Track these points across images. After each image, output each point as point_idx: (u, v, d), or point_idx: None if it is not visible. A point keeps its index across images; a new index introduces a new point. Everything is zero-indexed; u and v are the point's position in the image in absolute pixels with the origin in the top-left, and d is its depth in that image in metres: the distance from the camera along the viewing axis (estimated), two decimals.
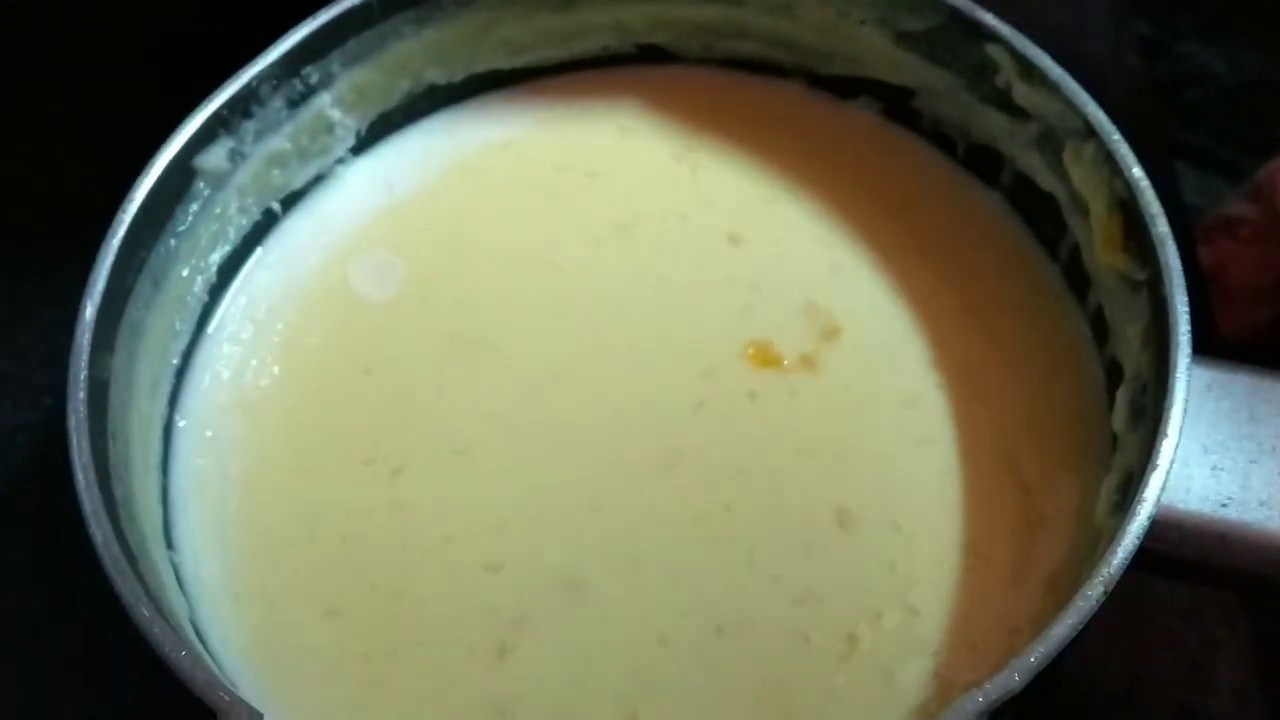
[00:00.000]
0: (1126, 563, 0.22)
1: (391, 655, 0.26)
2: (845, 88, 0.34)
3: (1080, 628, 0.21)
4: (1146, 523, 0.22)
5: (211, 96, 0.29)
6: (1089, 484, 0.27)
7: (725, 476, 0.28)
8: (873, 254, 0.32)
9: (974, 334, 0.30)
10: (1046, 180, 0.30)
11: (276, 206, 0.33)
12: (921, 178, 0.33)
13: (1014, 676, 0.20)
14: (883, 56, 0.32)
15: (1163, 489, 0.22)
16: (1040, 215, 0.31)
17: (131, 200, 0.27)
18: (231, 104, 0.29)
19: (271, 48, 0.30)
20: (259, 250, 0.32)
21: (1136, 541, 0.22)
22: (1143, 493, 0.22)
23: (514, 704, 0.26)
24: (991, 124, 0.31)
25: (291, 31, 0.30)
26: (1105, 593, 0.21)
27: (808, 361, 0.30)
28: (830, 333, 0.30)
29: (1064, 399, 0.29)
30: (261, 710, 0.24)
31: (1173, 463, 0.23)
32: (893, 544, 0.27)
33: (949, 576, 0.27)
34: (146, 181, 0.27)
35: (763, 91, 0.35)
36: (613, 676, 0.26)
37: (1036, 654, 0.21)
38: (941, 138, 0.33)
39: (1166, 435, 0.23)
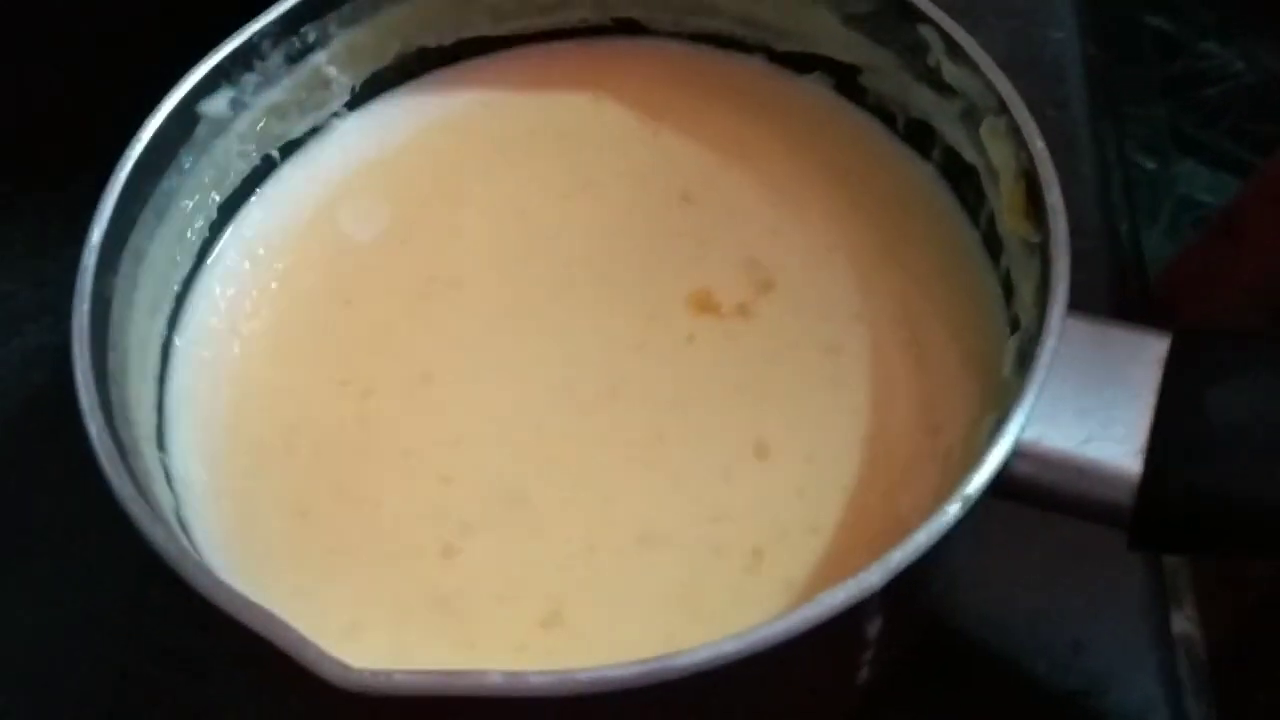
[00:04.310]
0: (986, 485, 0.24)
1: (352, 550, 0.30)
2: (802, 63, 0.37)
3: (938, 537, 0.24)
4: (1006, 452, 0.25)
5: (215, 49, 0.32)
6: (984, 425, 0.30)
7: (659, 408, 0.31)
8: (813, 216, 0.35)
9: (898, 291, 0.33)
10: (970, 153, 0.33)
11: (275, 154, 0.36)
12: (864, 149, 0.36)
13: (873, 576, 0.23)
14: (833, 35, 0.35)
15: (1025, 423, 0.25)
16: (965, 185, 0.33)
17: (139, 139, 0.31)
18: (234, 57, 0.33)
19: (273, 8, 0.33)
20: (258, 192, 0.36)
21: (995, 467, 0.25)
22: (1006, 424, 0.25)
23: (455, 596, 0.29)
24: (925, 100, 0.34)
25: None
26: (964, 509, 0.24)
27: (743, 310, 0.33)
28: (765, 285, 0.33)
29: (973, 350, 0.32)
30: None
31: (1039, 400, 0.26)
32: (803, 473, 0.30)
33: (851, 503, 0.30)
34: (153, 123, 0.31)
35: (726, 65, 0.38)
36: (544, 576, 0.29)
37: (894, 558, 0.24)
38: (884, 113, 0.36)
39: (1032, 375, 0.26)
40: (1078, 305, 0.28)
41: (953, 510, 0.24)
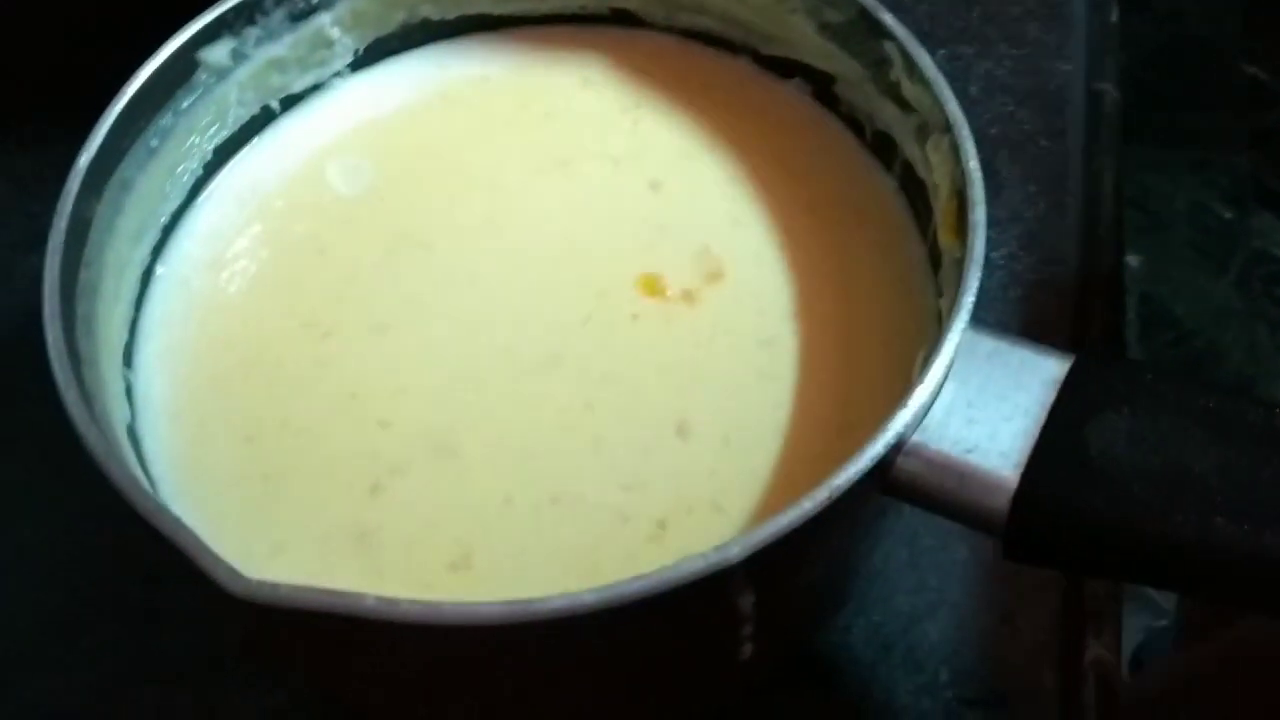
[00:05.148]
0: (857, 477, 0.26)
1: (285, 478, 0.32)
2: (784, 68, 0.38)
3: (802, 521, 0.25)
4: (882, 448, 0.26)
5: (218, 2, 0.34)
6: None
7: (594, 380, 0.33)
8: (771, 215, 0.36)
9: (840, 294, 0.34)
10: (922, 168, 0.34)
11: (275, 105, 0.38)
12: (832, 155, 0.37)
13: (732, 549, 0.25)
14: (810, 43, 0.36)
15: (906, 426, 0.27)
16: (918, 200, 0.34)
17: (136, 77, 0.33)
18: (236, 10, 0.35)
19: None
20: (255, 139, 0.38)
21: (868, 462, 0.26)
22: (889, 421, 0.26)
23: (374, 531, 0.31)
24: (888, 114, 0.35)
25: None
26: (831, 497, 0.25)
27: (689, 296, 0.34)
28: (714, 275, 0.35)
29: (899, 357, 0.33)
30: (172, 506, 0.30)
31: (933, 406, 0.28)
32: (718, 455, 0.32)
33: (759, 489, 0.31)
34: (151, 64, 0.33)
35: (713, 63, 0.39)
36: (459, 522, 0.31)
37: (756, 534, 0.25)
38: (855, 122, 0.37)
39: (921, 382, 0.27)
40: (1039, 329, 0.29)
41: (819, 496, 0.25)
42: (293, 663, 0.34)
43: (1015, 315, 0.41)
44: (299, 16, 0.37)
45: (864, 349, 0.33)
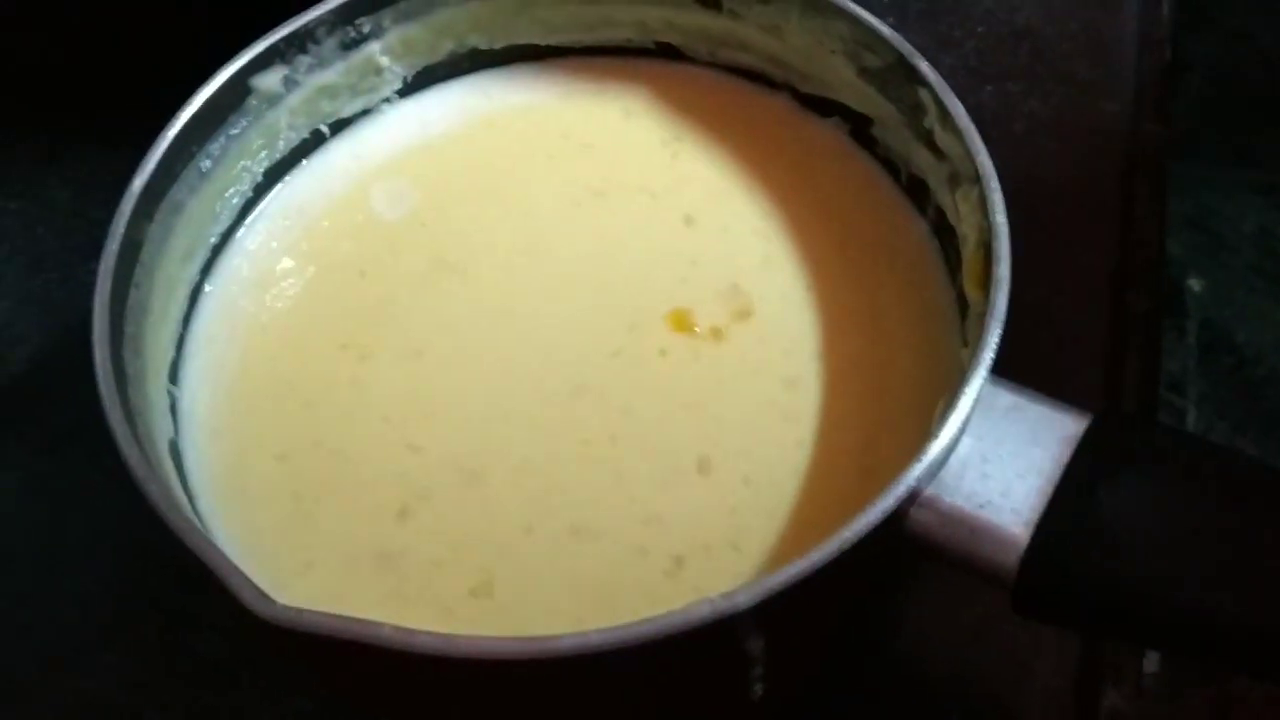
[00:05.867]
0: (867, 531, 0.26)
1: (316, 499, 0.33)
2: (822, 106, 0.39)
3: (812, 570, 0.26)
4: (894, 503, 0.26)
5: (271, 32, 0.35)
6: None
7: (619, 412, 0.34)
8: (802, 254, 0.36)
9: (865, 338, 0.35)
10: (953, 216, 0.34)
11: (325, 129, 0.39)
12: (868, 196, 0.37)
13: (740, 597, 0.25)
14: (849, 85, 0.37)
15: (919, 479, 0.27)
16: (949, 246, 0.35)
17: (190, 104, 0.34)
18: (289, 39, 0.36)
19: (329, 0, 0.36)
20: (304, 162, 0.39)
21: (880, 514, 0.26)
22: (903, 474, 0.27)
23: (399, 554, 0.32)
24: (922, 159, 0.35)
25: None
26: (841, 550, 0.26)
27: (717, 333, 0.35)
28: (742, 313, 0.35)
29: (923, 403, 0.33)
30: (210, 524, 0.31)
31: (949, 458, 0.28)
32: (738, 494, 0.32)
33: (777, 529, 0.32)
34: (206, 91, 0.34)
35: (753, 99, 0.40)
36: (482, 549, 0.32)
37: (764, 583, 0.25)
38: (890, 164, 0.37)
39: (937, 436, 0.27)
40: (1063, 380, 0.29)
41: (829, 548, 0.26)
42: (315, 675, 0.35)
43: (1043, 363, 0.41)
44: (350, 45, 0.38)
45: (888, 393, 0.33)
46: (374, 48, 0.38)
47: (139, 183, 0.33)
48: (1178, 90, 0.49)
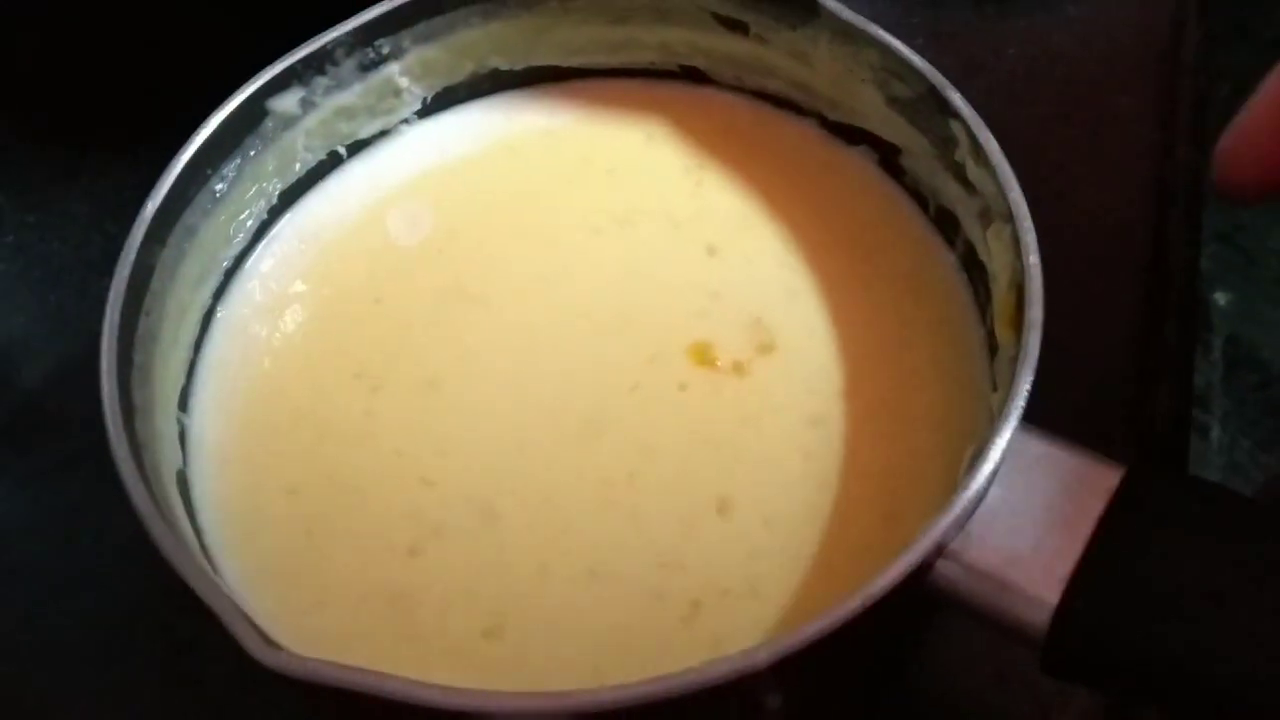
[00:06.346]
0: (891, 587, 0.25)
1: (328, 535, 0.32)
2: (850, 134, 0.38)
3: (835, 627, 0.25)
4: (918, 558, 0.26)
5: (289, 53, 0.35)
6: None
7: (637, 450, 0.33)
8: (827, 286, 0.35)
9: (891, 376, 0.34)
10: (983, 252, 0.33)
11: (343, 151, 0.38)
12: (895, 227, 0.36)
13: (760, 654, 0.24)
14: (878, 114, 0.36)
15: (946, 533, 0.26)
16: (978, 282, 0.34)
17: (205, 127, 0.33)
18: (306, 61, 0.35)
19: (348, 20, 0.35)
20: (320, 184, 0.38)
21: (903, 571, 0.25)
22: (930, 528, 0.26)
23: (410, 594, 0.31)
24: (952, 192, 0.34)
25: (369, 9, 0.36)
26: (864, 606, 0.25)
27: (739, 368, 0.34)
28: (765, 347, 0.34)
29: (949, 447, 0.32)
30: (218, 559, 0.31)
31: (977, 509, 0.27)
32: (758, 536, 0.31)
33: (798, 575, 0.31)
34: (221, 113, 0.34)
35: (778, 124, 0.39)
36: (494, 590, 0.31)
37: (785, 640, 0.25)
38: (919, 195, 0.36)
39: (966, 489, 0.26)
40: (1089, 428, 0.28)
41: (851, 604, 0.25)
42: (324, 713, 0.34)
43: (1069, 399, 0.39)
44: (369, 66, 0.37)
45: (914, 434, 0.33)
46: (393, 69, 0.37)
47: (151, 207, 0.32)
48: (1208, 102, 0.47)
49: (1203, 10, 0.51)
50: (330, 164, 0.38)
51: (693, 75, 0.39)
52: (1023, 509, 0.27)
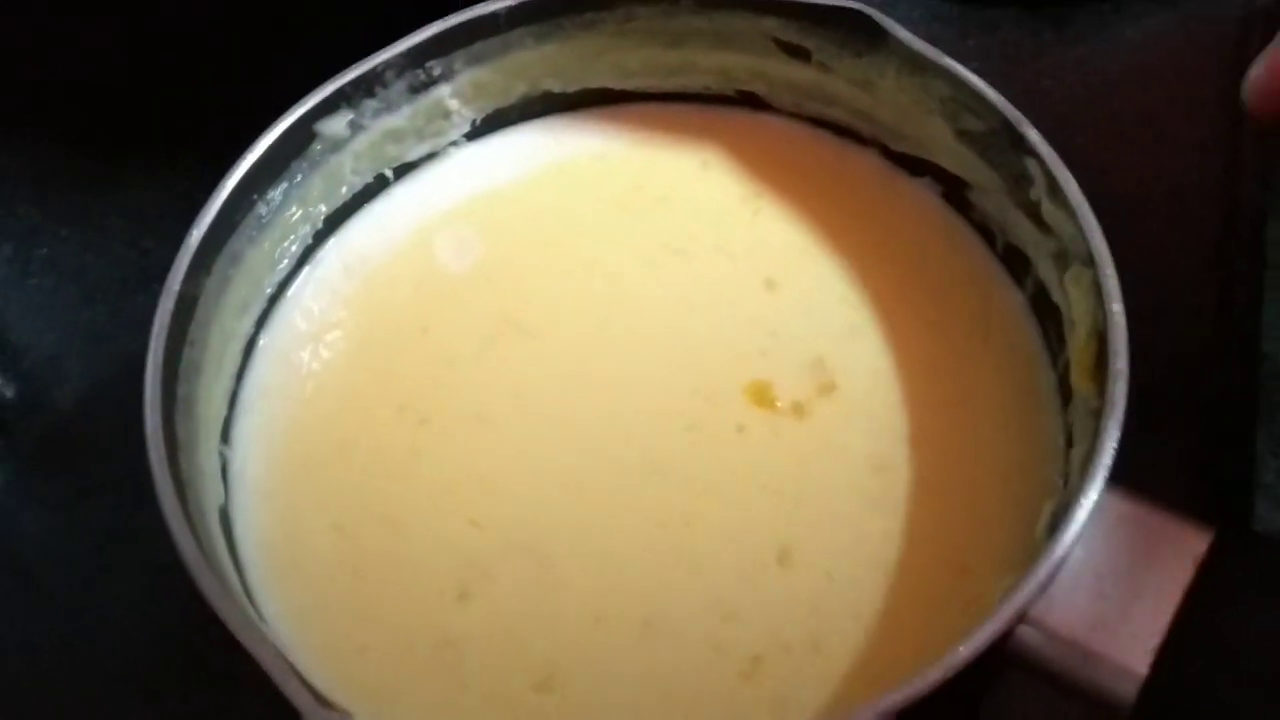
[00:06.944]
0: (972, 657, 0.24)
1: (375, 576, 0.31)
2: (913, 165, 0.36)
3: (911, 701, 0.24)
4: (1001, 626, 0.24)
5: (339, 75, 0.34)
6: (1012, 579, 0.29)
7: (694, 494, 0.32)
8: (890, 325, 0.34)
9: (958, 421, 0.32)
10: (1057, 294, 0.32)
11: (389, 174, 0.37)
12: (961, 264, 0.35)
13: None
14: (946, 147, 0.35)
15: (1036, 594, 0.25)
16: (1049, 323, 0.33)
17: (252, 151, 0.32)
18: (356, 83, 0.34)
19: (400, 41, 0.34)
20: (366, 208, 0.37)
21: (987, 640, 0.24)
22: (1012, 596, 0.25)
23: (460, 641, 0.30)
24: (1023, 230, 0.33)
25: (421, 30, 0.35)
26: (945, 677, 0.24)
27: (798, 409, 0.33)
28: (826, 388, 0.33)
29: (1020, 497, 0.31)
30: (259, 598, 0.30)
31: (1060, 572, 0.26)
32: (821, 589, 0.30)
33: (862, 631, 0.29)
34: (268, 137, 0.33)
35: (839, 154, 0.37)
36: (546, 638, 0.30)
37: (860, 714, 0.23)
38: (986, 231, 0.35)
39: (1051, 552, 0.25)
40: (1151, 482, 0.27)
41: (932, 676, 0.24)
42: None
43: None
44: (419, 88, 0.36)
45: (982, 484, 0.31)
46: (444, 91, 0.36)
47: (197, 235, 0.31)
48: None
49: (1267, 34, 0.49)
50: (376, 187, 0.37)
51: (750, 101, 0.38)
52: (1107, 573, 0.26)
